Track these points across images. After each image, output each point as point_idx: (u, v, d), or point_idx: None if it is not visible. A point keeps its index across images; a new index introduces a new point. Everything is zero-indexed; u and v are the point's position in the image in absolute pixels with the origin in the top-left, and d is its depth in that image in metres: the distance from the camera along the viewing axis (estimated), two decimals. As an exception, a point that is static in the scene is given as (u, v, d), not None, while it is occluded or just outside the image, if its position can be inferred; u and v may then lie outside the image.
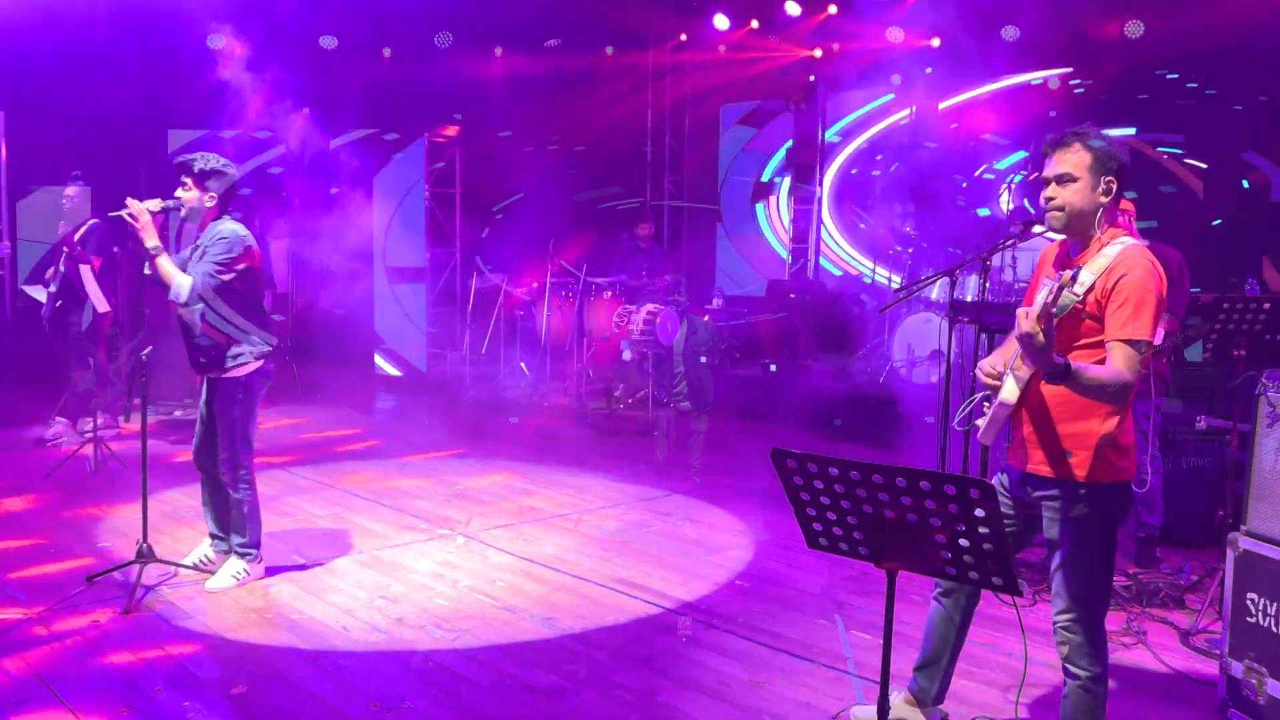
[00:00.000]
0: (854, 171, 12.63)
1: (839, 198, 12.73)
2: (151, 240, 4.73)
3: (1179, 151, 9.58)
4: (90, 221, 8.02)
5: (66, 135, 8.95)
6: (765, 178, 13.60)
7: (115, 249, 8.25)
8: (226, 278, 4.83)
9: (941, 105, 11.46)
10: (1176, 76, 9.57)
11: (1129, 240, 3.10)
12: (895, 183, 11.80)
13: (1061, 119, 10.13)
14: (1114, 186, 3.10)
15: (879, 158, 12.43)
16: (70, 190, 8.07)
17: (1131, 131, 9.54)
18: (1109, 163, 3.09)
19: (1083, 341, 3.06)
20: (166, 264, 4.79)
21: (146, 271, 4.93)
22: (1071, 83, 10.30)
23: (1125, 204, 5.23)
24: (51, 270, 8.16)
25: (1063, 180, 3.12)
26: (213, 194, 4.90)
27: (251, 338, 4.96)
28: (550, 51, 11.96)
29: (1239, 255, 8.88)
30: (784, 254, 13.46)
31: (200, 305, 4.81)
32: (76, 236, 7.94)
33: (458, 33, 11.22)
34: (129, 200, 4.70)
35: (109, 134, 8.88)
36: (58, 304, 8.09)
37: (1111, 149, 3.11)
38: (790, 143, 13.10)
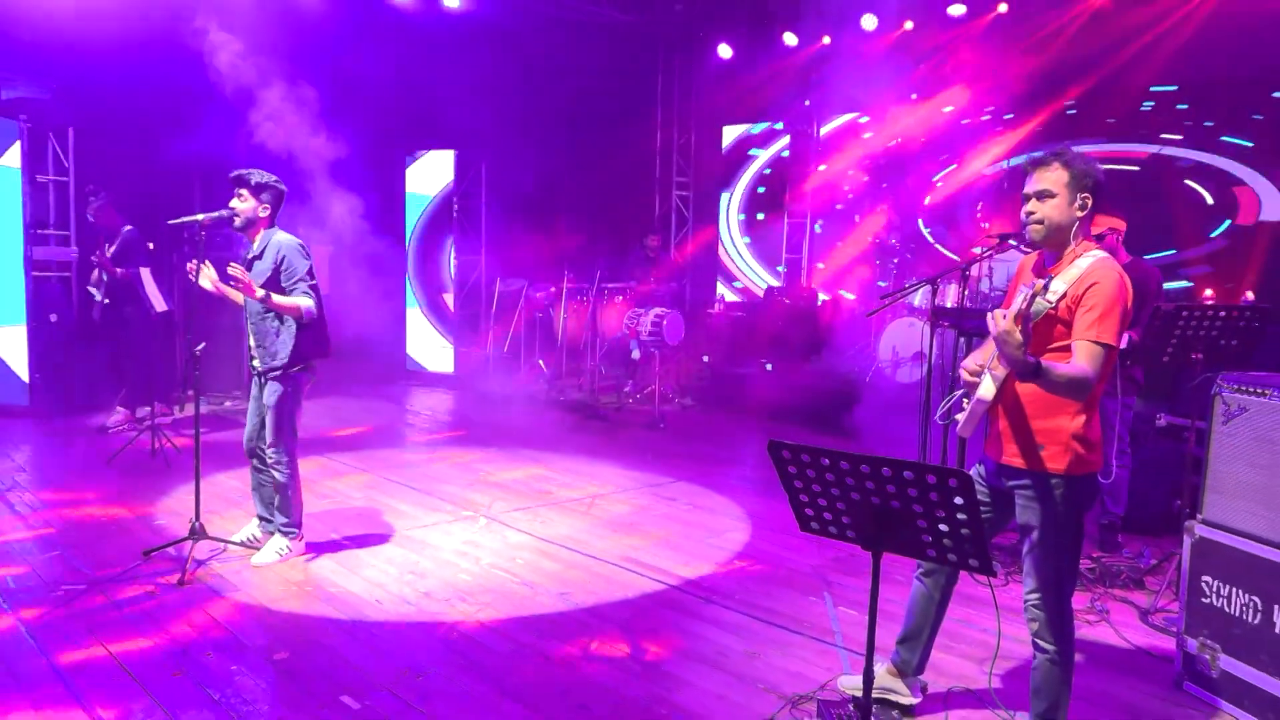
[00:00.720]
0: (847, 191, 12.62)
1: (822, 216, 12.75)
2: (260, 292, 4.78)
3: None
4: (125, 229, 8.08)
5: (125, 150, 8.98)
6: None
7: (151, 244, 8.35)
8: (314, 282, 4.95)
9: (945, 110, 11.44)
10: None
11: (1100, 254, 3.09)
12: (876, 199, 11.82)
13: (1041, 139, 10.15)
14: (1089, 202, 3.09)
15: (851, 172, 12.43)
16: (93, 205, 8.17)
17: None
18: (1085, 180, 3.09)
19: (1055, 345, 3.05)
20: (281, 299, 4.83)
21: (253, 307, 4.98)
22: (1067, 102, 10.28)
23: (1116, 222, 5.23)
24: (95, 274, 8.24)
25: (1042, 196, 3.11)
26: (266, 205, 4.96)
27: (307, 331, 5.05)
28: (570, 77, 11.98)
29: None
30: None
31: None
32: (110, 250, 8.03)
33: (485, 61, 11.25)
34: (232, 266, 4.69)
35: (151, 147, 8.90)
36: (105, 302, 8.18)
37: (1088, 168, 3.10)
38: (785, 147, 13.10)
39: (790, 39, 11.65)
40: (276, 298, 4.81)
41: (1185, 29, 8.90)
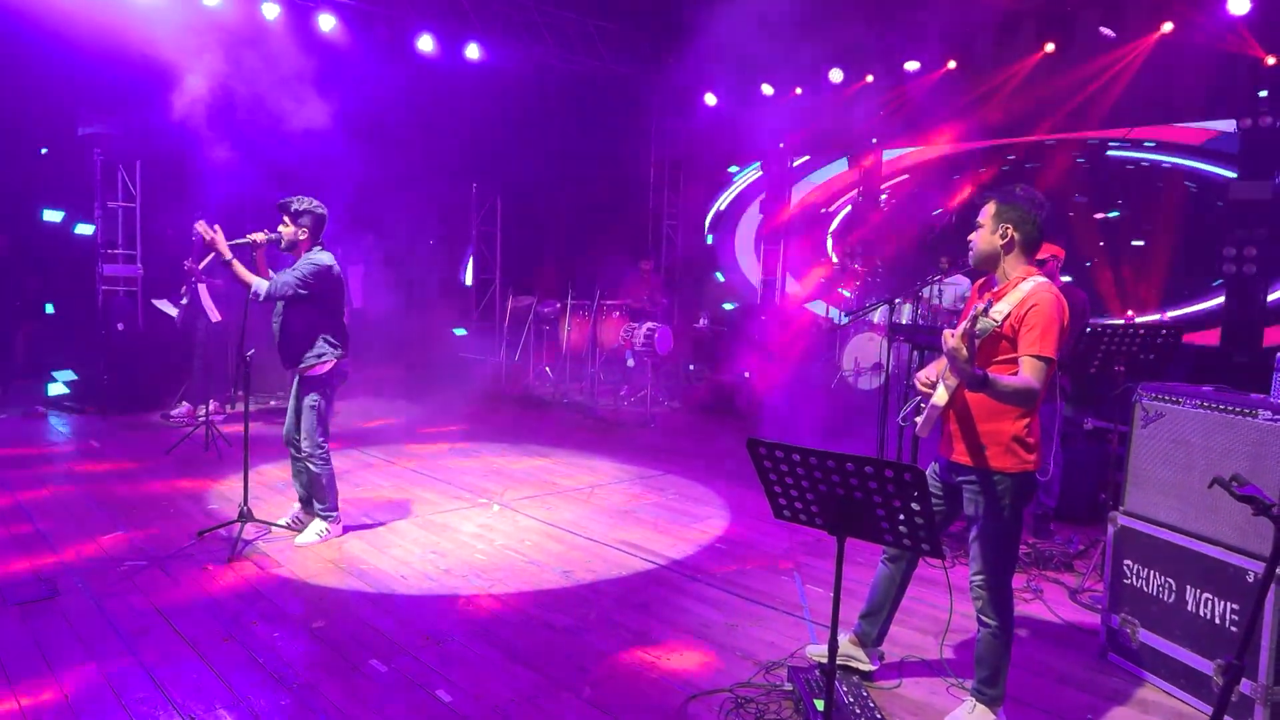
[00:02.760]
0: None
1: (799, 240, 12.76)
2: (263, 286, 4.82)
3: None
4: (213, 254, 8.07)
5: (187, 181, 8.95)
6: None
7: None
8: (304, 291, 4.85)
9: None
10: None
11: (1041, 279, 3.11)
12: (844, 230, 11.84)
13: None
14: (1010, 231, 3.13)
15: (824, 210, 12.45)
16: (199, 228, 8.14)
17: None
18: (1008, 214, 3.14)
19: (1000, 358, 3.06)
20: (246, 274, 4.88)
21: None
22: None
23: (1056, 250, 5.24)
24: (184, 288, 8.24)
25: (976, 227, 3.20)
26: (304, 228, 4.91)
27: (326, 336, 4.95)
28: (575, 121, 11.99)
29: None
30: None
31: (279, 305, 4.89)
32: (201, 265, 8.01)
33: (503, 107, 11.26)
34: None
35: (226, 181, 8.88)
36: (185, 308, 8.19)
37: (1015, 205, 3.13)
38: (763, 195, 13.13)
39: (767, 89, 11.68)
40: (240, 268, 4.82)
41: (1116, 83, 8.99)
